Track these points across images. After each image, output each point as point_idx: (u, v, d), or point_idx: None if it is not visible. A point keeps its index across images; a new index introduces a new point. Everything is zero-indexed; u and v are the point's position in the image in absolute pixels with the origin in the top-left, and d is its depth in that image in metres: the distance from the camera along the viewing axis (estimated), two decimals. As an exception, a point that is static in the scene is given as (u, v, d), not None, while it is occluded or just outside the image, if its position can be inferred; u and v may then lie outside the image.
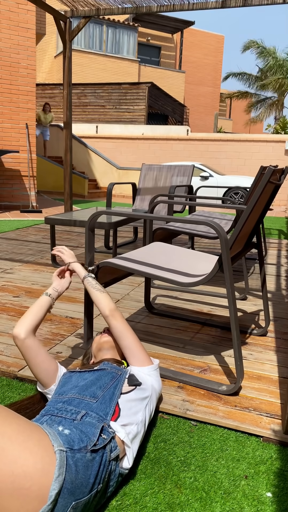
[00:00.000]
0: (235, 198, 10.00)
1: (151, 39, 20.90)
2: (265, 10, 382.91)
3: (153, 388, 1.39)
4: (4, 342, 2.02)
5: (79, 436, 1.05)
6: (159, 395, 1.45)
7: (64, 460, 0.96)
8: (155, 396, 1.40)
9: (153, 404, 1.38)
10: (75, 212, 3.81)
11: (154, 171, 4.61)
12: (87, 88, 15.68)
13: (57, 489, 0.93)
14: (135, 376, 1.37)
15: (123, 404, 1.25)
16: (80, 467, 0.99)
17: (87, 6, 5.54)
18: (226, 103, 24.27)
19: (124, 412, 1.23)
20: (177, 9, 5.16)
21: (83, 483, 0.98)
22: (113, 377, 1.33)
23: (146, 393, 1.34)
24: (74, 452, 1.00)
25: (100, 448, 1.06)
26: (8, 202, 7.44)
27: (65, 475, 0.95)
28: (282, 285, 3.24)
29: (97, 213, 1.81)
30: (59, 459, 0.96)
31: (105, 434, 1.11)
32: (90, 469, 1.01)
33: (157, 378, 1.45)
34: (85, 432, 1.07)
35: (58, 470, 0.94)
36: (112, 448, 1.11)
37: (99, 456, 1.05)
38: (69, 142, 6.13)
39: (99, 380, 1.30)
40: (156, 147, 12.81)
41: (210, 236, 2.75)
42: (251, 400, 1.60)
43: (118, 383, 1.31)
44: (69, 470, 0.96)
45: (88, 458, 1.02)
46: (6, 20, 6.82)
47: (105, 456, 1.07)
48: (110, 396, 1.25)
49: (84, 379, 1.32)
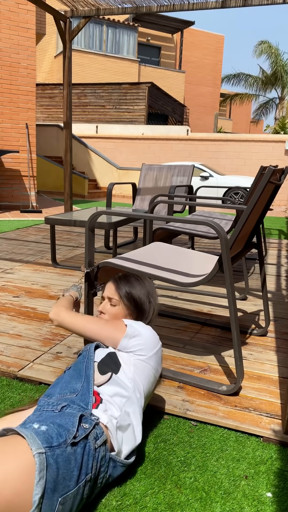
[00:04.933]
0: (235, 198, 9.99)
1: (151, 39, 20.90)
2: (265, 10, 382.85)
3: (137, 364, 1.29)
4: (4, 342, 2.02)
5: (57, 431, 1.03)
6: (154, 354, 1.34)
7: (44, 462, 0.95)
8: (149, 364, 1.31)
9: (148, 370, 1.30)
10: (75, 212, 3.81)
11: (154, 171, 4.60)
12: (87, 88, 15.68)
13: (40, 493, 0.92)
14: (111, 358, 1.30)
15: (103, 392, 1.23)
16: (61, 462, 0.98)
17: (87, 6, 5.54)
18: (226, 103, 24.26)
19: (105, 397, 1.21)
20: (177, 9, 5.16)
21: (66, 478, 0.97)
22: (84, 356, 1.31)
23: (125, 381, 1.26)
24: (54, 449, 0.98)
25: (82, 439, 1.05)
26: (8, 202, 7.44)
27: (46, 476, 0.94)
28: (282, 285, 3.24)
29: (97, 213, 1.81)
30: (38, 462, 0.94)
31: (87, 422, 1.09)
32: (73, 462, 1.00)
33: (139, 342, 1.32)
34: (63, 425, 1.05)
35: (38, 474, 0.93)
36: (98, 435, 1.10)
37: (81, 447, 1.03)
38: (69, 142, 6.13)
39: (75, 370, 1.28)
40: (156, 147, 12.81)
41: (210, 236, 2.75)
42: (251, 400, 1.60)
43: (89, 363, 1.27)
44: (50, 469, 0.95)
45: (69, 451, 1.00)
46: (6, 20, 6.82)
47: (88, 446, 1.05)
48: (87, 385, 1.22)
49: (68, 374, 1.31)
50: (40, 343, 2.02)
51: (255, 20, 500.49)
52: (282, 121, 20.20)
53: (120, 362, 1.29)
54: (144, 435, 1.40)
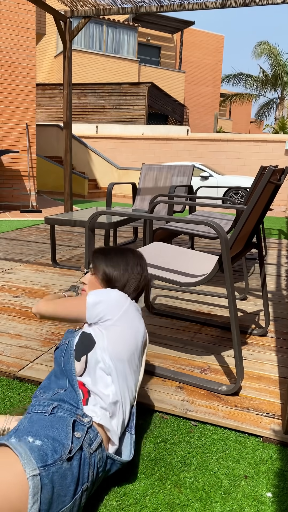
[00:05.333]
0: (235, 198, 9.99)
1: (151, 39, 20.90)
2: (265, 10, 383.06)
3: (109, 334, 1.23)
4: (4, 342, 2.02)
5: (52, 446, 0.99)
6: (123, 313, 1.26)
7: (38, 485, 0.92)
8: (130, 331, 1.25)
9: (122, 333, 1.24)
10: (75, 212, 3.81)
11: (154, 171, 4.60)
12: (87, 88, 15.68)
13: None
14: (83, 339, 1.26)
15: (87, 382, 1.20)
16: (56, 480, 0.95)
17: (87, 6, 5.54)
18: (226, 103, 24.27)
19: (91, 387, 1.19)
20: (177, 9, 5.16)
21: (61, 494, 0.95)
22: (62, 350, 1.28)
23: (98, 351, 1.21)
24: (49, 467, 0.95)
25: (77, 450, 1.02)
26: (8, 202, 7.44)
27: (40, 498, 0.91)
28: (282, 285, 3.24)
29: (97, 213, 1.81)
30: (32, 486, 0.91)
31: (79, 430, 1.06)
32: (69, 477, 0.97)
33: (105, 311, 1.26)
34: (57, 439, 1.01)
35: (32, 498, 0.90)
36: (92, 439, 1.07)
37: (77, 459, 1.00)
38: (69, 142, 6.13)
39: (57, 364, 1.26)
40: (156, 147, 12.81)
41: (210, 236, 2.75)
42: (251, 400, 1.60)
43: (67, 356, 1.24)
44: (45, 490, 0.92)
45: (65, 467, 0.97)
46: (6, 20, 6.82)
47: (83, 456, 1.03)
48: (71, 381, 1.19)
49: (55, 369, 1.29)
50: (40, 343, 2.02)
51: (255, 20, 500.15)
52: (282, 121, 20.20)
53: (94, 339, 1.24)
54: (144, 435, 1.40)
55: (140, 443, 1.36)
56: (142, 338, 1.30)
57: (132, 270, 1.40)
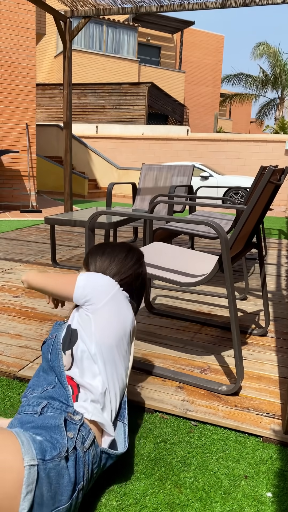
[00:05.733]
0: (235, 198, 9.99)
1: (151, 39, 20.90)
2: (265, 10, 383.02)
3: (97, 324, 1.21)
4: (4, 342, 2.02)
5: (51, 444, 0.98)
6: (110, 299, 1.25)
7: (34, 476, 0.91)
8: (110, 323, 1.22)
9: (107, 318, 1.22)
10: (75, 212, 3.81)
11: (154, 171, 4.61)
12: (87, 88, 15.68)
13: (27, 508, 0.89)
14: (69, 329, 1.25)
15: (75, 375, 1.19)
16: (53, 477, 0.94)
17: (87, 6, 5.54)
18: (226, 103, 24.27)
19: (79, 381, 1.17)
20: (177, 9, 5.16)
21: (57, 493, 0.94)
22: (48, 345, 1.26)
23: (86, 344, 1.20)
24: (47, 463, 0.94)
25: (71, 450, 1.01)
26: (8, 202, 7.44)
27: (35, 490, 0.90)
28: (282, 285, 3.24)
29: (97, 213, 1.81)
30: (27, 475, 0.90)
31: (71, 430, 1.05)
32: (66, 476, 0.97)
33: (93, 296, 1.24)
34: (55, 438, 1.01)
35: (26, 488, 0.89)
36: (85, 436, 1.06)
37: (72, 460, 1.00)
38: (69, 142, 6.13)
39: (44, 359, 1.25)
40: (156, 147, 12.81)
41: (210, 236, 2.75)
42: (251, 400, 1.60)
43: (54, 351, 1.23)
44: (41, 483, 0.92)
45: (62, 465, 0.97)
46: (6, 20, 6.82)
47: (78, 455, 1.02)
48: (59, 376, 1.17)
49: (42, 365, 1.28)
50: (40, 343, 2.02)
51: (255, 20, 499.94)
52: (282, 121, 20.20)
53: (78, 327, 1.24)
54: (144, 435, 1.40)
55: (141, 443, 1.36)
56: (130, 324, 1.28)
57: (123, 261, 1.39)
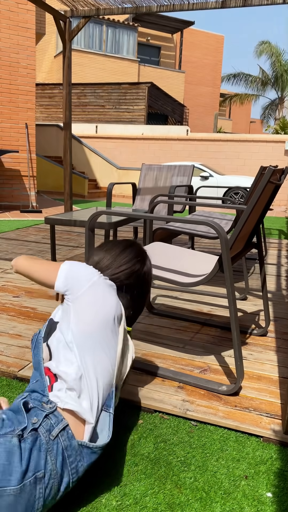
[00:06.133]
0: (235, 198, 10.00)
1: (151, 39, 20.90)
2: (265, 10, 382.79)
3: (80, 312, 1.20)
4: (4, 342, 2.02)
5: (12, 422, 1.02)
6: (90, 287, 1.23)
7: None
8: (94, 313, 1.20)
9: (90, 306, 1.19)
10: (75, 212, 3.81)
11: (154, 171, 4.60)
12: (87, 88, 15.68)
13: None
14: (50, 321, 1.28)
15: (50, 365, 1.20)
16: (2, 452, 0.95)
17: (87, 6, 5.54)
18: (226, 103, 24.28)
19: (55, 370, 1.18)
20: (177, 9, 5.16)
21: (5, 471, 0.94)
22: (32, 341, 1.30)
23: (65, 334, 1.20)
24: None
25: (30, 432, 1.02)
26: (8, 202, 7.44)
27: None
28: (282, 285, 3.24)
29: (97, 213, 1.81)
30: None
31: (38, 416, 1.06)
32: (17, 456, 0.97)
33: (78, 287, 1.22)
34: (18, 418, 1.04)
35: None
36: (54, 424, 1.06)
37: (29, 442, 1.00)
38: (69, 142, 6.13)
39: (32, 355, 1.28)
40: (156, 147, 12.81)
41: (210, 236, 2.75)
42: (251, 400, 1.60)
43: (36, 346, 1.26)
44: None
45: (14, 443, 0.98)
46: (6, 20, 6.82)
47: (40, 441, 1.02)
48: (39, 368, 1.19)
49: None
50: (40, 343, 2.02)
51: (255, 20, 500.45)
52: (282, 122, 20.21)
53: (60, 319, 1.24)
54: (144, 435, 1.40)
55: (141, 443, 1.36)
56: (114, 311, 1.23)
57: (117, 256, 1.37)
